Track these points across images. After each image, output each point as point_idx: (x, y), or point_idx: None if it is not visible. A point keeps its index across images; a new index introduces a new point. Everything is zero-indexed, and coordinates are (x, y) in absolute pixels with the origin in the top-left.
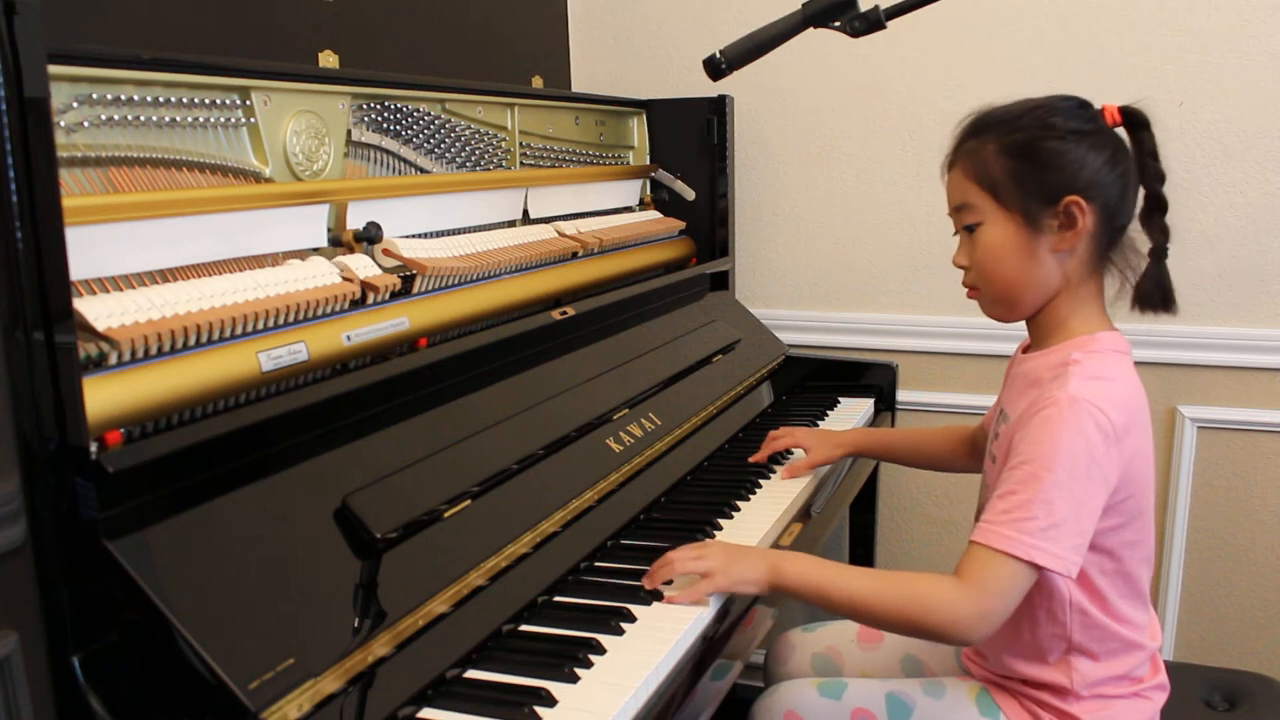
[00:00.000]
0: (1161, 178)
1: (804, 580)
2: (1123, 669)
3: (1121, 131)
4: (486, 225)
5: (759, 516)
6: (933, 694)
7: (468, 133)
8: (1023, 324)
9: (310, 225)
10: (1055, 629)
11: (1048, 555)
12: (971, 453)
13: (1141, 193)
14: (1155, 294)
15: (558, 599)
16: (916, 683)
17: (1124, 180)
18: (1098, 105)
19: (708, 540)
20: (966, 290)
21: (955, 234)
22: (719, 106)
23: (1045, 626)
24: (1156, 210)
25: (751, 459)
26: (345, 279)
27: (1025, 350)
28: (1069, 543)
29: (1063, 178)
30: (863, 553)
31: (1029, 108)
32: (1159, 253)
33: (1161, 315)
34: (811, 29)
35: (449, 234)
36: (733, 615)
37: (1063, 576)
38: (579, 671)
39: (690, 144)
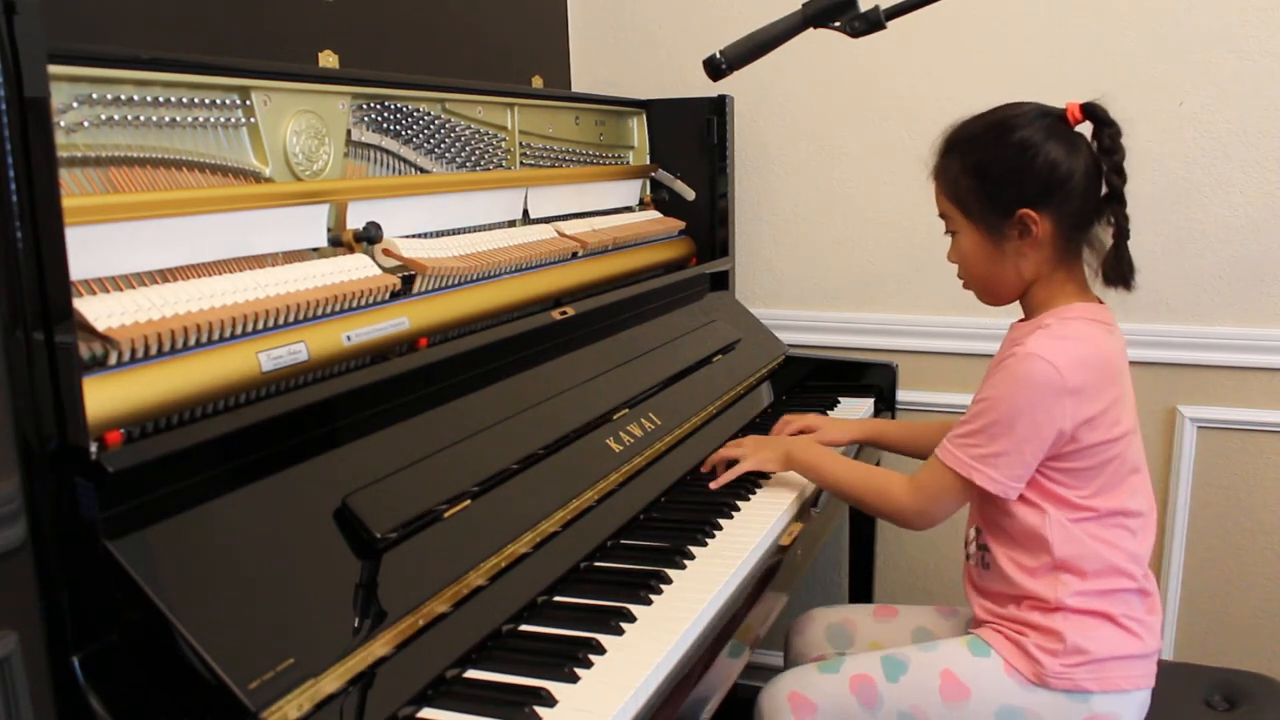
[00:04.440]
0: (1119, 171)
1: (806, 459)
2: (1108, 587)
3: (1089, 128)
4: (486, 225)
5: (759, 516)
6: (927, 649)
7: (468, 133)
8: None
9: (310, 225)
10: (1039, 543)
11: (984, 477)
12: None
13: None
14: (1113, 273)
15: (558, 599)
16: (911, 644)
17: (1085, 180)
18: (1091, 103)
19: (743, 438)
20: (962, 282)
21: (946, 234)
22: (719, 106)
23: (1033, 539)
24: (1113, 202)
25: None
26: (344, 279)
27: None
28: (1008, 471)
29: (1013, 194)
30: (863, 551)
31: (986, 125)
32: (1120, 236)
33: (1123, 291)
34: (811, 29)
35: (449, 234)
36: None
37: (1001, 497)
38: (579, 671)
39: (690, 144)
